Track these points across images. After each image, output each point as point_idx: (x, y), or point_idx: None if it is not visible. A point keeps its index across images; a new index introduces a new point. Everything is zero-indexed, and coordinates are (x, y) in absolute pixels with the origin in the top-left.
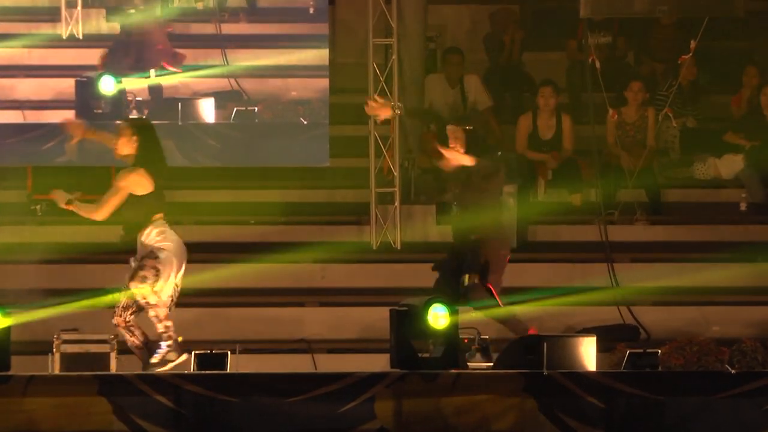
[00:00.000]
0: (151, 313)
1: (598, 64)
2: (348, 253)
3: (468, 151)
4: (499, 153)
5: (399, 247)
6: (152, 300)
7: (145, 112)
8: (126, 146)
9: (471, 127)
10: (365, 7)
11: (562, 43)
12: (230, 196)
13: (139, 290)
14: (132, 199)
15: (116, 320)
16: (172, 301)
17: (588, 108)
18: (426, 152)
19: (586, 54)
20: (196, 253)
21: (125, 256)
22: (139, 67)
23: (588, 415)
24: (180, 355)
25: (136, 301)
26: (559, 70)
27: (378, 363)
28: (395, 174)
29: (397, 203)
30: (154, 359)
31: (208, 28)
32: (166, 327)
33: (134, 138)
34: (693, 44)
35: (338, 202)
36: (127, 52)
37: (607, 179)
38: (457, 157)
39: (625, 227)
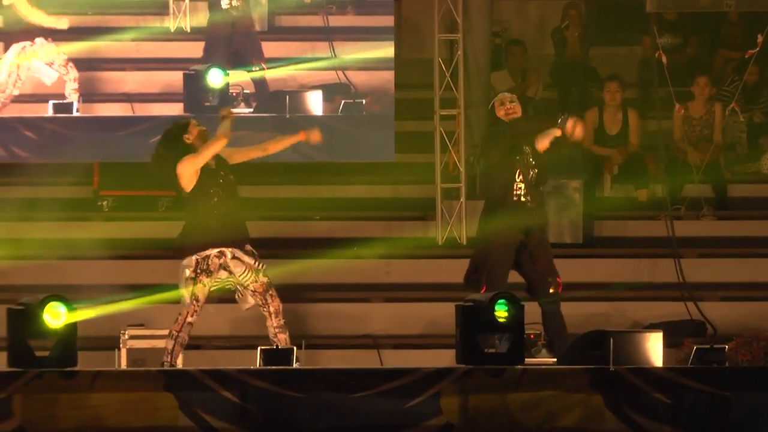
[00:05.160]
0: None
1: (664, 59)
2: (414, 248)
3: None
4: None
5: (465, 243)
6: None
7: (253, 104)
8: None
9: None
10: (430, 2)
11: (629, 38)
12: (296, 192)
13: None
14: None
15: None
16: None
17: (655, 103)
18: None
19: (653, 49)
20: (262, 248)
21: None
22: (237, 61)
23: (655, 411)
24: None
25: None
26: (627, 65)
27: (443, 358)
28: (461, 169)
29: (462, 199)
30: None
31: (315, 21)
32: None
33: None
34: (760, 38)
35: (404, 197)
36: (226, 45)
37: (673, 174)
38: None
39: (692, 222)
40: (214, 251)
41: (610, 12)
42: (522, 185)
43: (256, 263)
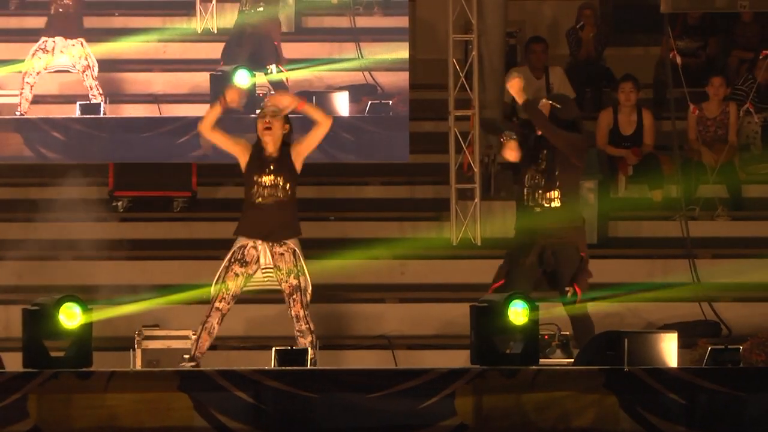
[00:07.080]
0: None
1: (679, 60)
2: (428, 249)
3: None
4: None
5: (479, 243)
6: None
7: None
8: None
9: (560, 106)
10: (445, 3)
11: (645, 38)
12: (310, 192)
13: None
14: None
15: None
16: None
17: (670, 103)
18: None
19: (667, 50)
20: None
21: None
22: (254, 61)
23: (669, 412)
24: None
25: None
26: (642, 66)
27: (458, 359)
28: (475, 170)
29: (477, 199)
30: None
31: (342, 22)
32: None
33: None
34: None
35: (418, 198)
36: (242, 46)
37: (688, 175)
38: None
39: (706, 223)
40: (249, 242)
41: (626, 12)
42: (530, 189)
43: (282, 272)
